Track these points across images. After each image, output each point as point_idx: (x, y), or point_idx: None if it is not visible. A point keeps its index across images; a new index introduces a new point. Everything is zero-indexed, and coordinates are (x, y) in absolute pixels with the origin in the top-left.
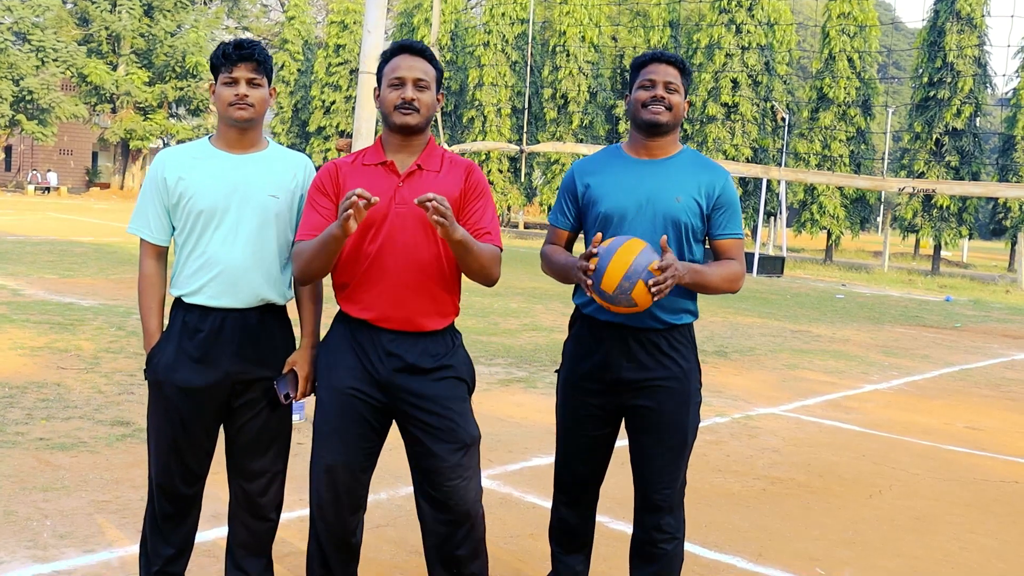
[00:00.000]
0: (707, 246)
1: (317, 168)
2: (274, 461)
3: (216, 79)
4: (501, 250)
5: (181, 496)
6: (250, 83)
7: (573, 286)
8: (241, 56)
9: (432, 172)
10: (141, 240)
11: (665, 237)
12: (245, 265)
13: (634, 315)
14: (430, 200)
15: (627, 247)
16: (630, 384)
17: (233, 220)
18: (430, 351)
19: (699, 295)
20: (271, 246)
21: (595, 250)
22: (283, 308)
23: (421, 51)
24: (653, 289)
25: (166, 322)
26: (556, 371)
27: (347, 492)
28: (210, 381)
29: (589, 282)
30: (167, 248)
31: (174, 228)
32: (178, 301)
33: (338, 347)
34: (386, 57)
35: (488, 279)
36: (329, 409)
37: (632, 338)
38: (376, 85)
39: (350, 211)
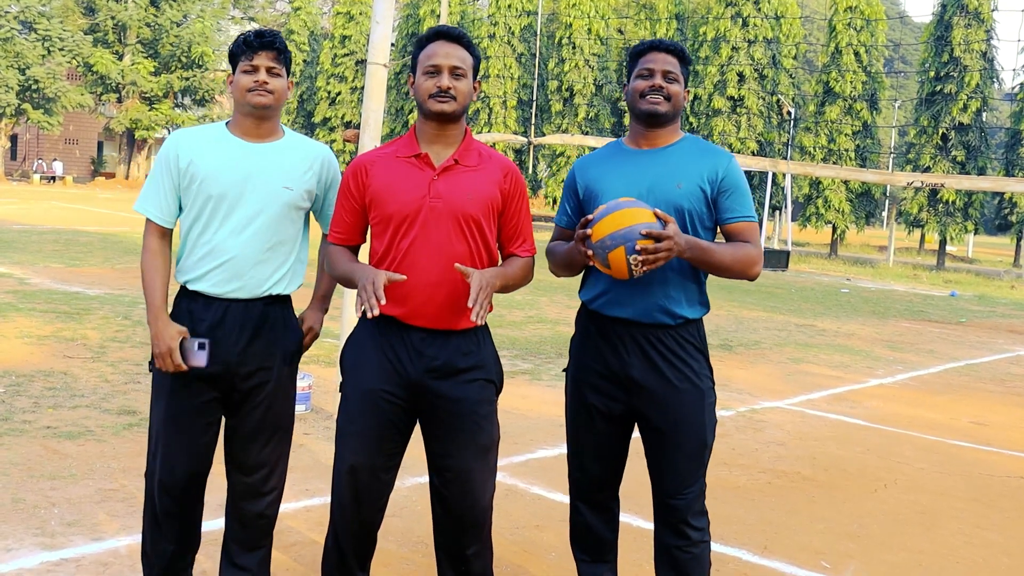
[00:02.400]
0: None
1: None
2: (274, 453)
3: (235, 69)
4: (535, 253)
5: (184, 492)
6: (269, 71)
7: (580, 281)
8: (262, 44)
9: (469, 168)
10: (147, 219)
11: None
12: (255, 257)
13: (642, 310)
14: (474, 311)
15: (633, 212)
16: (640, 384)
17: (244, 209)
18: (461, 349)
19: (707, 290)
20: (282, 239)
21: (599, 210)
22: (287, 298)
23: (458, 37)
24: (638, 259)
25: (170, 306)
26: (564, 370)
27: (369, 493)
28: (213, 372)
29: (589, 232)
30: (171, 231)
31: (181, 210)
32: (183, 290)
33: (365, 345)
34: (421, 43)
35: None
36: (355, 409)
37: (640, 335)
38: (411, 71)
39: (367, 300)
